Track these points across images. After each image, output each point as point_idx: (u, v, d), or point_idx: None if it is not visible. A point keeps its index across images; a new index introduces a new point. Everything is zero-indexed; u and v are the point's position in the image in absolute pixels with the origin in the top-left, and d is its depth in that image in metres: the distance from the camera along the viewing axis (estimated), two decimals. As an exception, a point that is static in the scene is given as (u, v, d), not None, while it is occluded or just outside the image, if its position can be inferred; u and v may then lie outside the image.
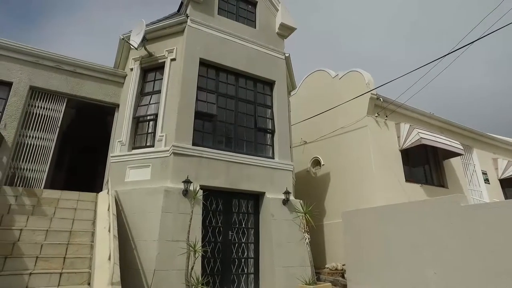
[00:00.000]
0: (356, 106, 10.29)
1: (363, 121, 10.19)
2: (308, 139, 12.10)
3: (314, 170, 11.76)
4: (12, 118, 7.48)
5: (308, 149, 12.10)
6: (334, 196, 10.71)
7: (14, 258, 4.80)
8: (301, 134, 12.18)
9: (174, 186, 6.36)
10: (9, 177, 7.18)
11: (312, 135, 11.94)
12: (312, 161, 11.84)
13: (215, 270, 6.64)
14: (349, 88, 10.85)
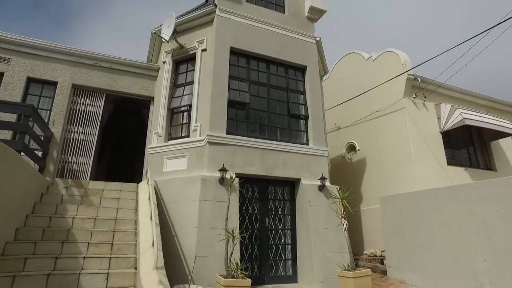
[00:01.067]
0: (392, 88, 9.89)
1: (399, 104, 9.79)
2: (342, 124, 11.85)
3: (349, 155, 11.52)
4: (59, 115, 7.94)
5: (342, 135, 11.85)
6: (371, 181, 10.46)
7: (69, 243, 5.15)
8: (335, 120, 11.95)
9: (210, 174, 6.48)
10: (59, 170, 7.69)
11: (346, 120, 11.67)
12: (347, 147, 11.60)
13: (253, 256, 6.74)
14: (383, 70, 10.44)
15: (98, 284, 4.46)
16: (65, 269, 4.64)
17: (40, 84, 8.21)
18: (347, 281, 5.87)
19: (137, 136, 11.31)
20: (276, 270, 6.90)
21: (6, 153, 4.82)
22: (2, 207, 4.77)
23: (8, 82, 7.75)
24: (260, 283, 6.50)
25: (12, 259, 4.60)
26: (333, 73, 13.24)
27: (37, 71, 8.12)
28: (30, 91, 8.09)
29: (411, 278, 6.90)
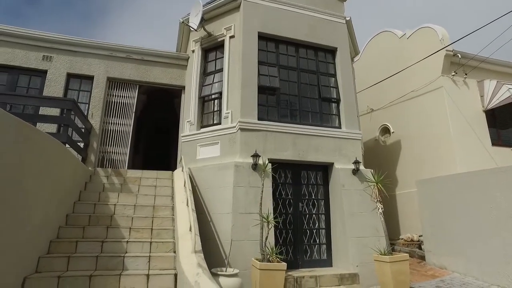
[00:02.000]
0: (428, 66, 9.42)
1: (437, 82, 9.32)
2: (375, 106, 11.50)
3: (383, 138, 11.19)
4: (97, 108, 8.32)
5: (375, 117, 11.51)
6: (407, 164, 10.13)
7: (113, 228, 5.46)
8: (367, 102, 11.61)
9: (243, 160, 6.56)
10: (99, 160, 8.11)
11: (379, 102, 11.30)
12: (381, 129, 11.27)
13: (287, 241, 6.81)
14: (419, 47, 9.93)
15: (141, 266, 4.71)
16: (111, 252, 4.93)
17: (79, 79, 8.62)
18: (383, 265, 5.79)
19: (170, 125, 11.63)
20: (310, 255, 6.94)
21: (55, 146, 5.14)
22: (55, 195, 5.14)
23: (51, 78, 8.21)
24: (295, 267, 6.57)
25: (65, 241, 4.96)
26: (364, 54, 12.78)
27: (75, 66, 8.51)
28: (70, 86, 8.51)
29: (453, 263, 6.70)
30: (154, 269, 4.69)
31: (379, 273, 5.86)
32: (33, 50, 8.29)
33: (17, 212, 3.93)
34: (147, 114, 11.19)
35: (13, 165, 3.79)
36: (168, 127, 12.24)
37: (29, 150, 4.19)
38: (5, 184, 3.63)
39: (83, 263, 4.58)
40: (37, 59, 8.27)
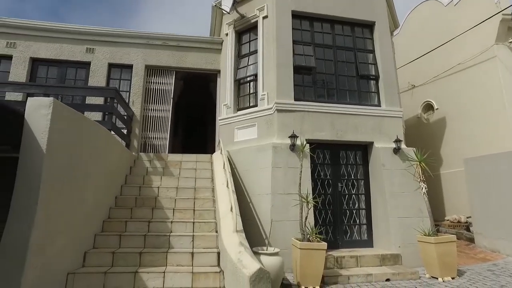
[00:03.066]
0: (479, 35, 8.69)
1: (489, 52, 8.60)
2: (417, 82, 10.89)
3: (426, 115, 10.63)
4: (137, 95, 8.65)
5: (417, 94, 10.93)
6: (452, 142, 9.59)
7: (158, 209, 5.75)
8: (408, 78, 11.03)
9: (281, 142, 6.55)
10: (142, 145, 8.49)
11: (421, 77, 10.68)
12: (423, 106, 10.70)
13: (327, 221, 6.78)
14: (469, 14, 9.17)
15: (185, 245, 4.93)
16: (157, 231, 5.21)
17: (119, 68, 8.98)
18: (428, 247, 5.61)
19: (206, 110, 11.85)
20: (350, 235, 6.87)
21: (103, 133, 5.46)
22: (105, 179, 5.49)
23: (94, 69, 8.64)
24: (335, 248, 6.55)
25: (116, 221, 5.32)
26: (405, 27, 12.05)
27: (115, 56, 8.86)
28: (112, 76, 8.91)
29: (507, 247, 6.33)
30: (198, 247, 4.90)
31: (424, 254, 5.70)
32: (78, 43, 8.74)
33: (75, 195, 4.26)
34: (184, 99, 11.44)
35: (69, 152, 4.08)
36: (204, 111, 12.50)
37: (81, 137, 4.47)
38: (63, 169, 3.93)
39: (133, 241, 4.89)
40: (81, 52, 8.71)
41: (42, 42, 8.59)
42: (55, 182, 3.77)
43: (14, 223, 3.41)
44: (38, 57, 8.55)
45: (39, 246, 3.45)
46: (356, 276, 5.44)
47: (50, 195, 3.64)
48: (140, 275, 4.09)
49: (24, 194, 3.46)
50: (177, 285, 4.06)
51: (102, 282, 4.00)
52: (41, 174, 3.49)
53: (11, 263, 3.28)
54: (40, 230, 3.46)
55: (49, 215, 3.64)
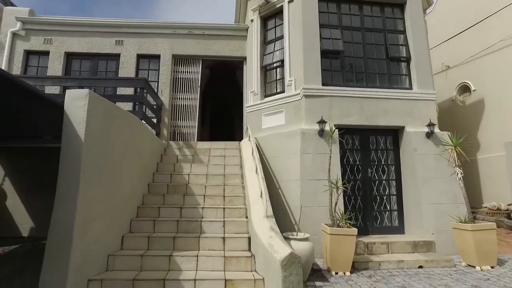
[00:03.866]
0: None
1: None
2: (452, 63, 10.35)
3: (462, 98, 10.12)
4: (165, 85, 8.83)
5: (451, 75, 10.41)
6: (490, 126, 9.10)
7: (189, 196, 5.91)
8: (442, 59, 10.50)
9: (309, 127, 6.49)
10: (171, 134, 8.70)
11: (457, 57, 10.13)
12: (459, 88, 10.18)
13: (357, 207, 6.70)
14: (508, -12, 8.53)
15: (217, 230, 5.05)
16: (189, 217, 5.36)
17: (147, 59, 9.18)
18: (464, 234, 5.43)
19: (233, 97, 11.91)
20: (381, 221, 6.76)
21: (135, 122, 5.64)
22: (138, 167, 5.69)
23: (123, 61, 8.88)
24: (365, 234, 6.48)
25: (149, 207, 5.53)
26: (439, 4, 11.41)
27: (143, 47, 9.06)
28: (140, 66, 9.13)
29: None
30: (229, 232, 5.01)
31: (459, 241, 5.53)
32: (107, 36, 9.00)
33: (111, 182, 4.46)
34: (211, 87, 11.55)
35: (104, 140, 4.26)
36: (231, 99, 12.56)
37: (115, 127, 4.64)
38: (100, 157, 4.11)
39: (166, 226, 5.07)
40: (111, 45, 8.97)
41: (75, 37, 8.92)
42: (93, 170, 3.97)
43: (59, 208, 3.64)
44: (71, 52, 8.91)
45: (82, 229, 3.67)
46: (387, 262, 5.37)
47: (89, 182, 3.84)
48: (175, 258, 4.25)
49: (67, 181, 3.67)
50: (210, 268, 4.19)
51: (139, 264, 4.20)
52: (80, 162, 3.68)
53: (59, 245, 3.51)
54: (82, 215, 3.67)
55: (89, 200, 3.84)
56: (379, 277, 4.91)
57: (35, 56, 8.94)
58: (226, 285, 3.81)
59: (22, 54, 8.76)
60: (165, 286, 3.77)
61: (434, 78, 7.44)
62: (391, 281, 4.71)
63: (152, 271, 4.12)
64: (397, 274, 5.05)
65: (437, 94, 7.37)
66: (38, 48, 8.84)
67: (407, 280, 4.73)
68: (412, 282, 4.63)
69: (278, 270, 3.54)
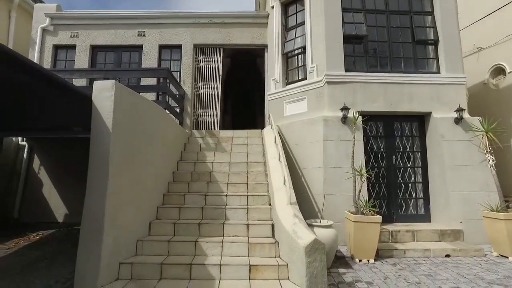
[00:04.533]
0: None
1: None
2: (484, 44, 9.81)
3: (495, 81, 9.62)
4: (187, 74, 8.92)
5: (484, 57, 9.88)
6: (526, 110, 8.61)
7: (212, 183, 6.03)
8: (473, 40, 9.96)
9: (332, 114, 6.41)
10: (194, 123, 8.83)
11: (490, 38, 9.59)
12: (492, 71, 9.65)
13: (381, 195, 6.60)
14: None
15: (240, 217, 5.14)
16: (213, 204, 5.48)
17: (169, 49, 9.28)
18: (496, 223, 5.25)
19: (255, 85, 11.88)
20: (406, 209, 6.64)
21: (159, 111, 5.77)
22: (163, 155, 5.84)
23: (146, 52, 9.03)
24: (390, 222, 6.40)
25: (175, 195, 5.69)
26: (469, -18, 10.77)
27: (165, 38, 9.15)
28: (163, 57, 9.25)
29: None
30: (253, 219, 5.08)
31: (490, 231, 5.36)
32: (130, 28, 9.16)
33: (138, 170, 4.61)
34: (232, 76, 11.57)
35: (131, 130, 4.39)
36: (252, 87, 12.54)
37: (140, 116, 4.77)
38: (127, 146, 4.25)
39: (191, 213, 5.21)
40: (133, 36, 9.13)
41: (99, 30, 9.14)
42: (121, 159, 4.11)
43: (91, 197, 3.82)
44: (96, 44, 9.14)
45: (112, 216, 3.84)
46: (413, 250, 5.30)
47: (117, 170, 3.98)
48: (200, 244, 4.38)
49: (97, 171, 3.83)
50: (235, 254, 4.29)
51: (166, 249, 4.35)
52: (109, 152, 3.82)
53: (92, 232, 3.70)
54: (112, 202, 3.83)
55: (118, 189, 4.00)
56: (404, 265, 4.86)
57: (63, 50, 9.25)
58: (250, 270, 3.89)
59: (51, 49, 9.08)
60: (192, 270, 3.89)
61: (464, 61, 7.11)
62: (417, 269, 4.65)
63: (179, 255, 4.27)
64: (423, 262, 4.98)
65: (467, 78, 7.05)
66: (65, 42, 9.13)
67: (434, 269, 4.66)
68: (438, 271, 4.56)
69: (302, 256, 3.58)
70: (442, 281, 4.17)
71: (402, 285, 4.03)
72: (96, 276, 3.57)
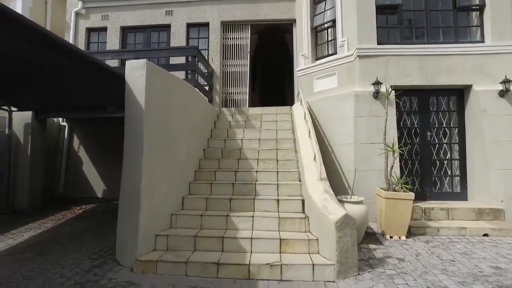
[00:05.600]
0: None
1: None
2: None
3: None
4: (215, 52, 8.91)
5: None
6: None
7: (242, 160, 6.11)
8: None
9: (363, 89, 6.22)
10: (223, 101, 8.89)
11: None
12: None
13: (414, 172, 6.42)
14: None
15: (270, 193, 5.21)
16: (243, 180, 5.57)
17: (197, 27, 9.27)
18: (540, 200, 4.98)
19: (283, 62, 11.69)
20: (440, 187, 6.42)
21: (190, 90, 5.86)
22: (194, 133, 5.97)
23: (174, 31, 9.08)
24: (422, 199, 6.24)
25: (206, 171, 5.84)
26: None
27: (192, 16, 9.13)
28: (191, 35, 9.27)
29: None
30: (283, 195, 5.14)
31: (534, 209, 5.10)
32: (157, 8, 9.21)
33: (171, 147, 4.76)
34: (260, 53, 11.41)
35: (163, 108, 4.50)
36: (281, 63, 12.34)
37: (171, 94, 4.86)
38: (159, 124, 4.38)
39: (222, 189, 5.34)
40: (161, 15, 9.18)
41: (128, 11, 9.27)
42: (155, 136, 4.24)
43: (127, 173, 4.01)
44: (126, 26, 9.30)
45: (148, 191, 4.02)
46: (447, 228, 5.17)
47: (151, 147, 4.13)
48: (231, 218, 4.50)
49: (132, 147, 4.00)
50: (265, 228, 4.38)
51: (199, 223, 4.52)
52: (143, 129, 3.95)
53: (130, 206, 3.91)
54: (147, 177, 4.00)
55: (152, 164, 4.16)
56: (437, 242, 4.76)
57: (95, 32, 9.50)
58: (281, 244, 3.97)
59: (84, 32, 9.36)
60: (224, 243, 4.04)
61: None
62: (451, 247, 4.55)
63: (211, 229, 4.42)
64: (458, 241, 4.86)
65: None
66: (97, 25, 9.35)
67: (470, 247, 4.53)
68: (475, 250, 4.43)
69: (332, 231, 3.60)
70: (479, 259, 4.06)
71: (434, 262, 3.97)
72: (135, 246, 3.80)
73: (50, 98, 6.00)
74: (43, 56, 3.45)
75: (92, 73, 4.17)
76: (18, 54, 3.43)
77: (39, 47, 3.17)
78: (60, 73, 4.18)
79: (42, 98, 6.02)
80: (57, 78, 4.46)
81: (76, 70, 4.05)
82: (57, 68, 3.94)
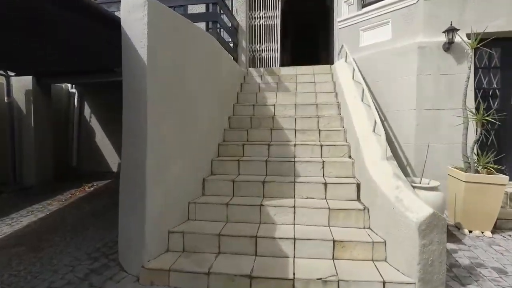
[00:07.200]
0: None
1: None
2: None
3: None
4: (240, 2, 7.58)
5: None
6: None
7: (276, 130, 5.03)
8: None
9: (429, 40, 4.82)
10: (250, 60, 7.67)
11: None
12: None
13: (489, 145, 5.10)
14: None
15: (314, 173, 4.17)
16: (278, 156, 4.53)
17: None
18: None
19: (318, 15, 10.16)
20: (525, 164, 5.11)
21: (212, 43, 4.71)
22: (217, 97, 4.89)
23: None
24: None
25: (232, 145, 4.81)
26: None
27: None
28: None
29: None
30: (330, 176, 4.09)
31: None
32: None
33: (187, 115, 3.70)
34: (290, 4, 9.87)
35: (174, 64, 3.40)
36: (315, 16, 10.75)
37: (186, 47, 3.73)
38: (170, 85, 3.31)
39: (253, 167, 4.32)
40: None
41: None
42: (163, 99, 3.16)
43: (127, 149, 3.05)
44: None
45: (156, 172, 3.03)
46: (545, 219, 3.98)
47: (159, 114, 3.08)
48: (266, 208, 3.50)
49: (132, 115, 3.01)
50: (311, 223, 3.37)
51: (224, 214, 3.55)
52: (146, 90, 2.88)
53: (133, 194, 2.97)
54: (155, 154, 3.00)
55: (162, 137, 3.15)
56: (540, 241, 3.61)
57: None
58: (334, 247, 2.96)
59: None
60: (258, 244, 3.06)
61: None
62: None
63: (240, 223, 3.46)
64: None
65: None
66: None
67: None
68: None
69: (413, 236, 2.54)
70: None
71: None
72: (142, 247, 2.88)
73: (47, 60, 5.08)
74: None
75: (85, 20, 3.14)
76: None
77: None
78: (47, 20, 3.17)
79: (39, 59, 5.08)
80: (49, 31, 3.49)
81: (66, 19, 3.02)
82: (42, 16, 2.94)
